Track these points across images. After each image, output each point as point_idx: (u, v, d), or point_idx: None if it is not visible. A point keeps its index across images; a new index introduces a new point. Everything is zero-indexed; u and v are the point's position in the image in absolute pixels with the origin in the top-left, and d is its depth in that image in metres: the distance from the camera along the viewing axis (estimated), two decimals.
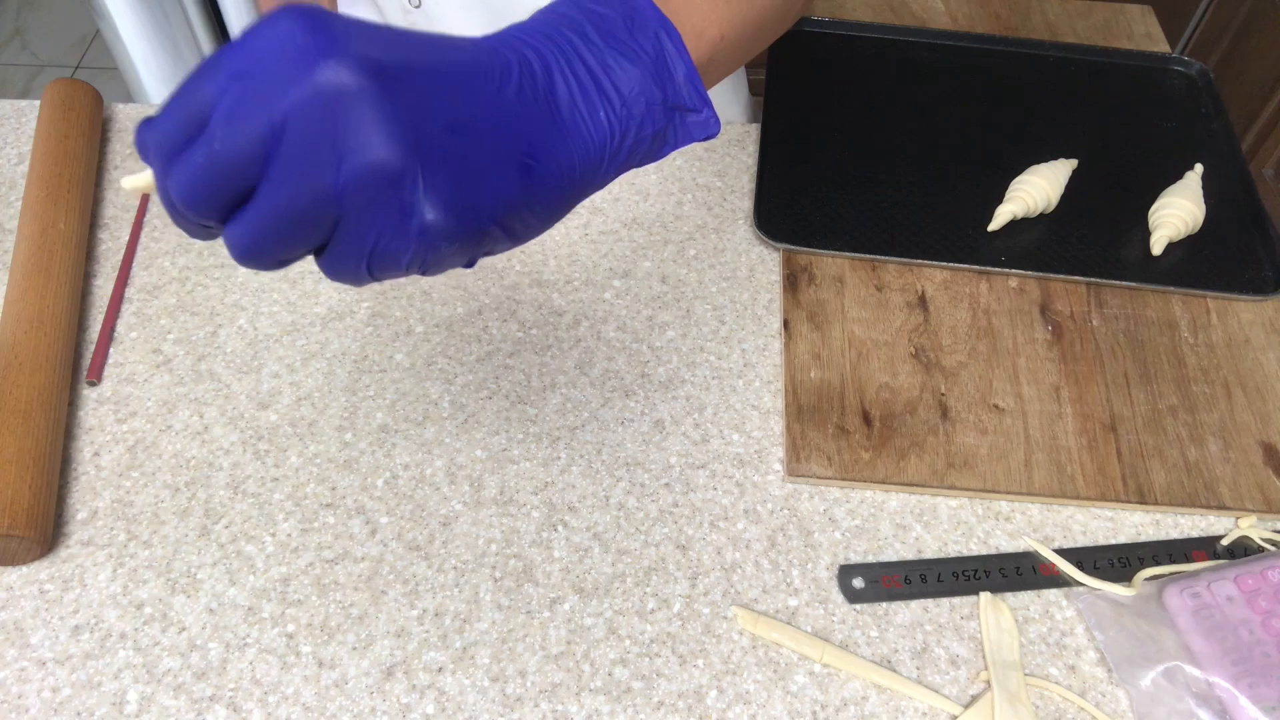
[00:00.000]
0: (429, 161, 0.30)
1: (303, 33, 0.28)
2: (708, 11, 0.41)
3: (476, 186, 0.32)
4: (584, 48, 0.36)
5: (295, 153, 0.28)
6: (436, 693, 0.56)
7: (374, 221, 0.30)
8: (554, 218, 0.37)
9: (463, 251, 0.34)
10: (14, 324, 0.66)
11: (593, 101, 0.36)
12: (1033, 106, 0.93)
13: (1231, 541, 0.64)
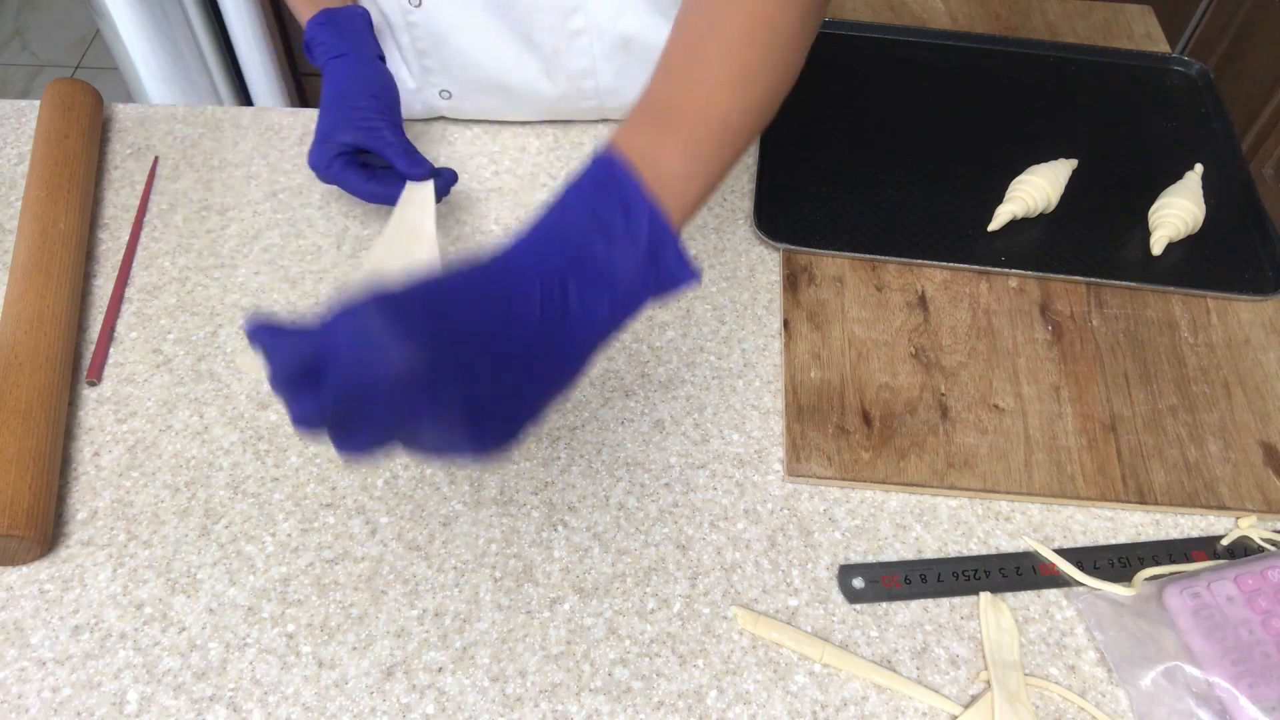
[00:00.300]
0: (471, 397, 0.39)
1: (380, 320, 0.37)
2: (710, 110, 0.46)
3: (502, 402, 0.40)
4: (594, 256, 0.41)
5: (381, 401, 0.37)
6: (436, 693, 0.56)
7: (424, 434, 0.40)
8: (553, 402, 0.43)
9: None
10: (14, 324, 0.66)
11: (600, 301, 0.42)
12: (1033, 106, 0.93)
13: (1231, 541, 0.64)
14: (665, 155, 0.44)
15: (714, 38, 0.48)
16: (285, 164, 0.84)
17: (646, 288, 0.43)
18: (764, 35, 0.49)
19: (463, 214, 0.81)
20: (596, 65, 0.80)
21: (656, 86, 0.48)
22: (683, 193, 0.45)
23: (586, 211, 0.42)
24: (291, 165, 0.84)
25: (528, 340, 0.40)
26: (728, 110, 0.48)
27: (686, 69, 0.48)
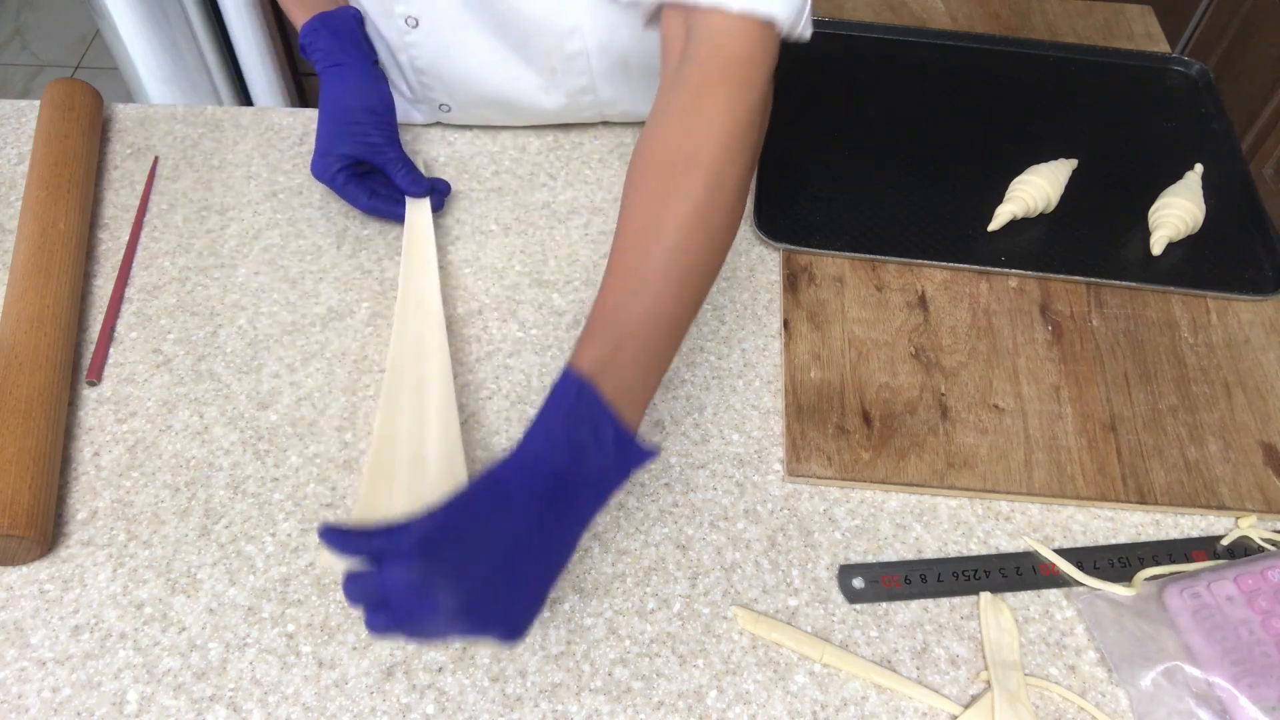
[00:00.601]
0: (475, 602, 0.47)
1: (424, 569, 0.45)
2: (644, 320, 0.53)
3: (520, 599, 0.48)
4: (575, 471, 0.50)
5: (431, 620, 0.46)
6: (436, 693, 0.56)
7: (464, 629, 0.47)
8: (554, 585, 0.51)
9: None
10: (14, 324, 0.66)
11: (583, 503, 0.50)
12: (1033, 106, 0.93)
13: (1231, 541, 0.64)
14: (621, 369, 0.51)
15: (655, 243, 0.53)
16: (285, 164, 0.84)
17: (616, 479, 0.52)
18: (700, 238, 0.54)
19: (463, 214, 0.81)
20: (595, 83, 0.81)
21: (607, 295, 0.54)
22: (638, 396, 0.53)
23: (565, 436, 0.50)
24: (291, 165, 0.84)
25: (533, 547, 0.49)
26: (672, 313, 0.54)
27: (633, 277, 0.53)
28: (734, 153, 0.54)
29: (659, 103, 0.57)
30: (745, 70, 0.55)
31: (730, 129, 0.54)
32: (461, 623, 0.46)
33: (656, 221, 0.53)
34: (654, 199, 0.54)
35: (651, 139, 0.55)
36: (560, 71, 0.79)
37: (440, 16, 0.76)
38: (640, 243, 0.53)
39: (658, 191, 0.54)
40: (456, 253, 0.78)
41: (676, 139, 0.54)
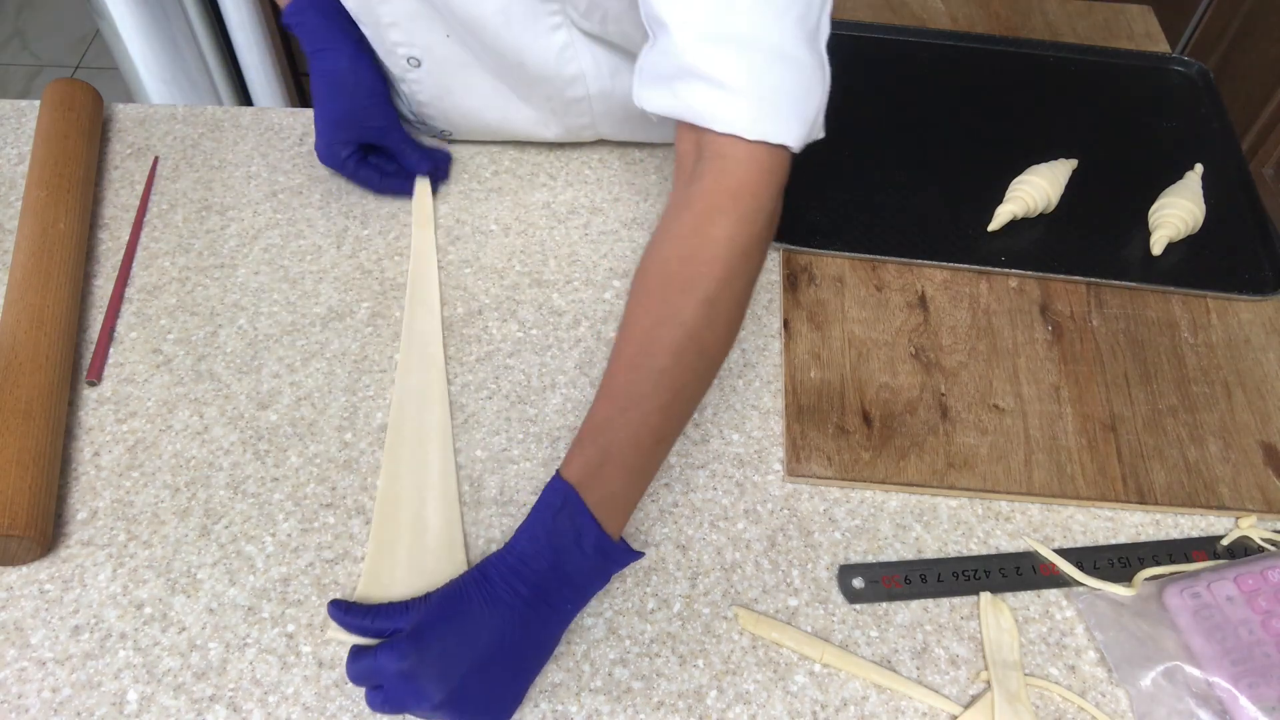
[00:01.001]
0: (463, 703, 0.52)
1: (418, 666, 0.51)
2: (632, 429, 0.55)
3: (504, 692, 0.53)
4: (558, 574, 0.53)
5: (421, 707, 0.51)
6: None
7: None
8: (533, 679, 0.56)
9: None
10: (14, 324, 0.66)
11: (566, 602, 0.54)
12: (1033, 106, 0.93)
13: (1231, 541, 0.64)
14: (607, 480, 0.54)
15: (648, 364, 0.55)
16: (285, 164, 0.84)
17: (596, 583, 0.56)
18: (691, 359, 0.55)
19: (463, 214, 0.81)
20: (595, 121, 0.81)
21: (598, 409, 0.56)
22: (621, 505, 0.56)
23: (548, 541, 0.53)
24: (291, 165, 0.84)
25: (516, 644, 0.53)
26: (659, 429, 0.56)
27: (623, 394, 0.55)
28: (733, 277, 0.55)
29: (667, 218, 0.57)
30: (753, 198, 0.55)
31: (731, 256, 0.54)
32: (446, 711, 0.51)
33: (650, 342, 0.55)
34: (650, 319, 0.55)
35: (655, 256, 0.56)
36: (561, 112, 0.80)
37: (442, 60, 0.76)
38: (633, 361, 0.55)
39: (654, 312, 0.55)
40: (457, 253, 0.78)
41: (678, 261, 0.55)
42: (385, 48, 0.76)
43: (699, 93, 0.54)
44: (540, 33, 0.72)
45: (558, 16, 0.71)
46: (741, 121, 0.53)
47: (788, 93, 0.55)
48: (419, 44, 0.75)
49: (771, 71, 0.54)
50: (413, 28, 0.73)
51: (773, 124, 0.54)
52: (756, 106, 0.54)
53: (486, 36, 0.72)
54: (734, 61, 0.54)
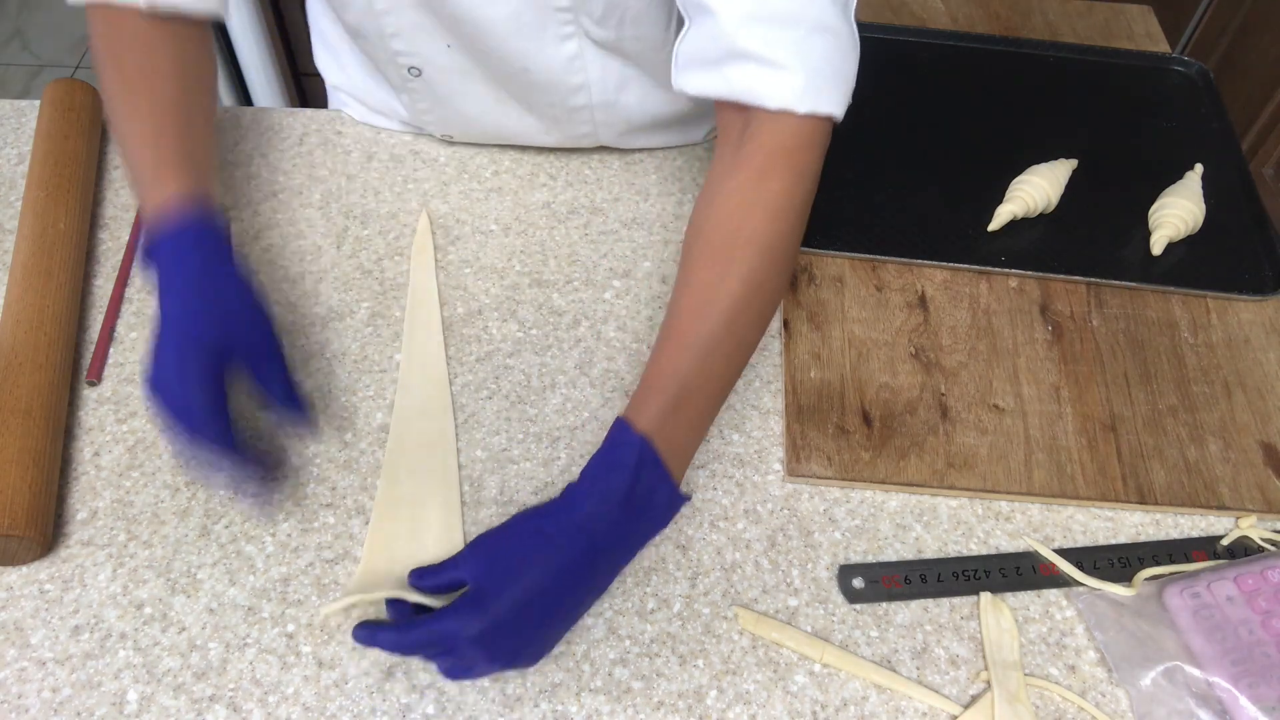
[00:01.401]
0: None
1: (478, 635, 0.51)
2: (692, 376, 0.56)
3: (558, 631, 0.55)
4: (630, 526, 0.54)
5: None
6: (436, 693, 0.56)
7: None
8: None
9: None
10: (14, 324, 0.66)
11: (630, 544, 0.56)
12: (1033, 106, 0.93)
13: (1231, 541, 0.64)
14: (676, 428, 0.55)
15: (712, 314, 0.56)
16: (285, 164, 0.84)
17: (657, 531, 0.57)
18: (753, 308, 0.58)
19: (463, 214, 0.81)
20: (597, 130, 0.82)
21: (664, 358, 0.57)
22: (687, 452, 0.57)
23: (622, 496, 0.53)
24: (291, 165, 0.84)
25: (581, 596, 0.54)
26: (724, 377, 0.58)
27: (689, 343, 0.57)
28: (789, 229, 0.58)
29: (717, 179, 0.60)
30: (803, 160, 0.58)
31: (787, 211, 0.58)
32: (506, 665, 0.52)
33: (714, 291, 0.57)
34: (712, 271, 0.57)
35: (710, 213, 0.59)
36: (563, 120, 0.80)
37: (442, 69, 0.76)
38: (697, 312, 0.57)
39: (716, 264, 0.57)
40: (456, 253, 0.78)
41: (737, 215, 0.58)
42: (386, 57, 0.76)
43: (749, 72, 0.57)
44: (549, 41, 0.72)
45: (570, 26, 0.71)
46: (792, 96, 0.56)
47: (832, 64, 0.58)
48: (420, 54, 0.75)
49: (816, 45, 0.57)
50: (415, 38, 0.73)
51: (821, 96, 0.57)
52: (805, 80, 0.56)
53: (493, 44, 0.72)
54: (781, 39, 0.56)
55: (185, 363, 0.56)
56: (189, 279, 0.59)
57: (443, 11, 0.70)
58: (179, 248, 0.59)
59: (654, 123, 0.83)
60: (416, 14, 0.71)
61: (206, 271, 0.59)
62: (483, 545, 0.54)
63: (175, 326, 0.58)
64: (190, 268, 0.59)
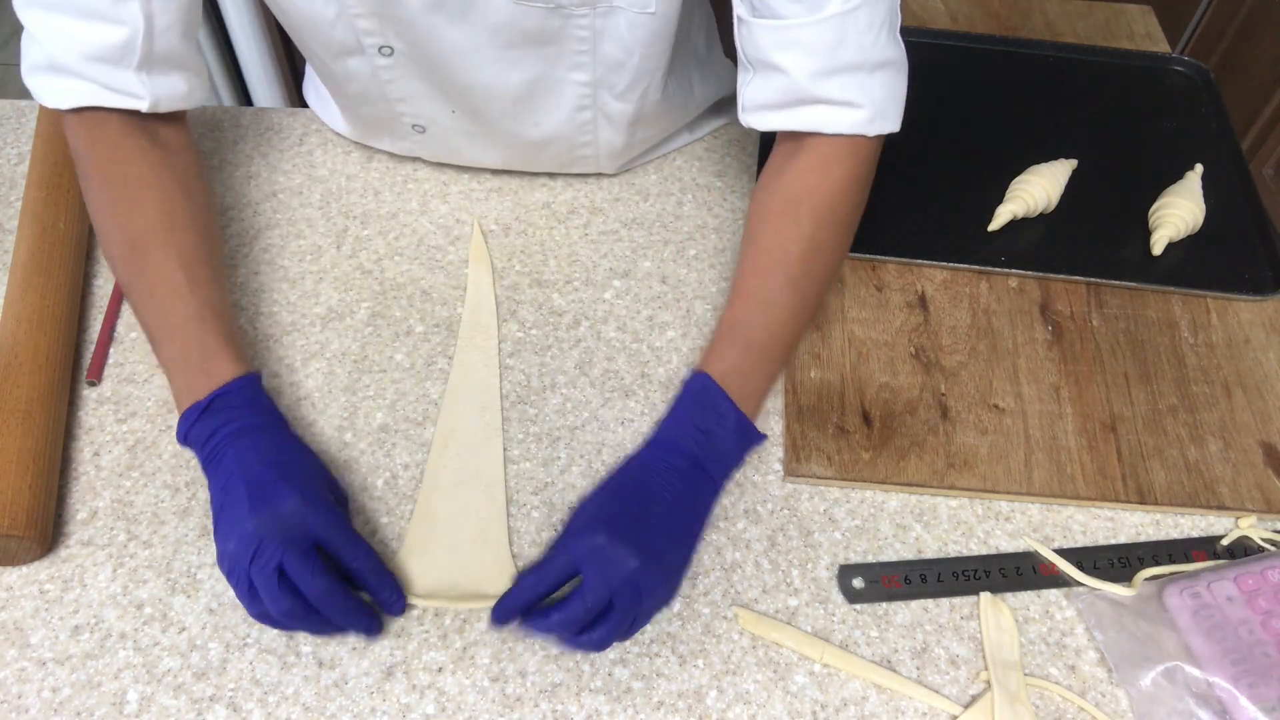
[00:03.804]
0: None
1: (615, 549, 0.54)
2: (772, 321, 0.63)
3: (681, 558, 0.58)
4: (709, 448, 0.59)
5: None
6: (436, 693, 0.56)
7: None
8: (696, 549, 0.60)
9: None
10: (14, 324, 0.66)
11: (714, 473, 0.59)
12: (1033, 106, 0.93)
13: (1231, 541, 0.64)
14: (745, 373, 0.61)
15: (779, 270, 0.63)
16: (285, 164, 0.84)
17: (738, 455, 0.61)
18: (818, 265, 0.64)
19: (463, 214, 0.81)
20: (600, 166, 0.82)
21: (735, 312, 0.63)
22: (757, 395, 0.62)
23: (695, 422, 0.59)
24: (291, 165, 0.84)
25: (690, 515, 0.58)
26: (789, 329, 0.63)
27: (757, 298, 0.63)
28: (849, 206, 0.65)
29: (782, 159, 0.66)
30: (863, 156, 0.65)
31: (847, 190, 0.64)
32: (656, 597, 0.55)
33: (780, 252, 0.63)
34: (778, 236, 0.63)
35: (775, 186, 0.65)
36: (566, 163, 0.81)
37: (446, 129, 0.77)
38: (766, 269, 0.63)
39: (782, 229, 0.63)
40: (457, 252, 0.78)
41: (801, 190, 0.64)
42: (391, 115, 0.76)
43: (820, 113, 0.63)
44: (563, 111, 0.74)
45: (588, 99, 0.73)
46: (860, 126, 0.63)
47: (892, 91, 0.63)
48: (425, 116, 0.75)
49: (879, 82, 0.62)
50: (420, 104, 0.74)
51: (885, 120, 0.64)
52: (871, 112, 0.62)
53: (500, 110, 0.72)
54: (849, 83, 0.61)
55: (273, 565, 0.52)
56: (256, 470, 0.56)
57: (450, 84, 0.70)
58: (243, 437, 0.57)
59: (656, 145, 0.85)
60: (421, 84, 0.72)
61: (275, 461, 0.57)
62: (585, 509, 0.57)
63: (255, 519, 0.53)
64: (258, 458, 0.56)
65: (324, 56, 0.71)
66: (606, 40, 0.68)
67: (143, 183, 0.64)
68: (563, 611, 0.53)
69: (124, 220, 0.63)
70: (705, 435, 0.59)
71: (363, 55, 0.69)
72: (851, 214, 0.66)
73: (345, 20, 0.66)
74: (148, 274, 0.62)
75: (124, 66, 0.63)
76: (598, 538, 0.53)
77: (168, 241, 0.63)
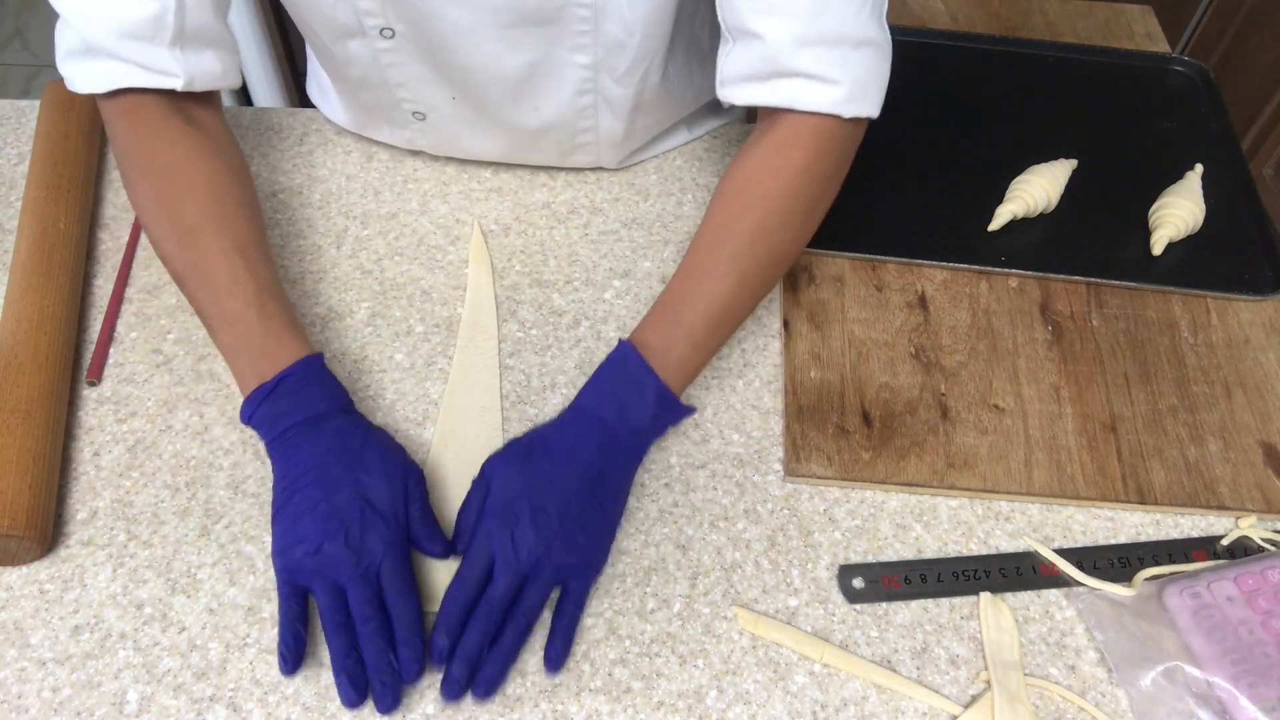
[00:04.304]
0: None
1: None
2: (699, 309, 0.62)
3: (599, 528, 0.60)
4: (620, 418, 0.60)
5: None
6: (436, 693, 0.56)
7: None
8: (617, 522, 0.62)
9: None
10: (14, 324, 0.66)
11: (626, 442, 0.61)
12: (1033, 106, 0.93)
13: (1231, 541, 0.64)
14: (675, 343, 0.62)
15: (722, 248, 0.63)
16: (285, 164, 0.84)
17: (656, 429, 0.62)
18: (764, 248, 0.63)
19: (463, 214, 0.81)
20: (600, 158, 0.82)
21: (674, 284, 0.64)
22: (686, 367, 0.62)
23: (611, 394, 0.61)
24: (291, 165, 0.84)
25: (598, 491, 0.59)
26: (726, 308, 0.63)
27: (697, 273, 0.63)
28: (801, 192, 0.63)
29: (750, 143, 0.66)
30: (828, 141, 0.63)
31: (804, 176, 0.63)
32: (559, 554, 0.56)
33: (725, 230, 0.63)
34: (726, 214, 0.64)
35: (736, 167, 0.65)
36: (567, 151, 0.81)
37: (447, 116, 0.77)
38: (709, 245, 0.63)
39: (731, 208, 0.64)
40: (456, 253, 0.78)
41: (754, 172, 0.64)
42: (390, 103, 0.76)
43: (798, 85, 0.61)
44: (564, 95, 0.73)
45: (589, 83, 0.72)
46: (837, 105, 0.61)
47: (873, 73, 0.62)
48: (425, 101, 0.75)
49: (860, 59, 0.61)
50: (420, 89, 0.74)
51: (863, 103, 0.62)
52: (849, 90, 0.61)
53: (500, 94, 0.72)
54: (828, 56, 0.60)
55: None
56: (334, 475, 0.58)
57: (451, 68, 0.70)
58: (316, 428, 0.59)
59: (656, 140, 0.84)
60: (422, 68, 0.72)
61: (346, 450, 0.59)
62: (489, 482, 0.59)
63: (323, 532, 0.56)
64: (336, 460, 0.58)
65: (325, 38, 0.71)
66: (608, 19, 0.68)
67: (192, 169, 0.65)
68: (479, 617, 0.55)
69: (174, 209, 0.64)
70: (620, 404, 0.60)
71: (364, 37, 0.69)
72: (811, 202, 0.64)
73: (347, 1, 0.66)
74: (203, 262, 0.63)
75: (157, 43, 0.63)
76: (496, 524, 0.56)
77: (220, 228, 0.63)
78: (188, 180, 0.64)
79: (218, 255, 0.62)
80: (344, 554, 0.56)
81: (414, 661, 0.55)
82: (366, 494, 0.57)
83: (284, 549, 0.57)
